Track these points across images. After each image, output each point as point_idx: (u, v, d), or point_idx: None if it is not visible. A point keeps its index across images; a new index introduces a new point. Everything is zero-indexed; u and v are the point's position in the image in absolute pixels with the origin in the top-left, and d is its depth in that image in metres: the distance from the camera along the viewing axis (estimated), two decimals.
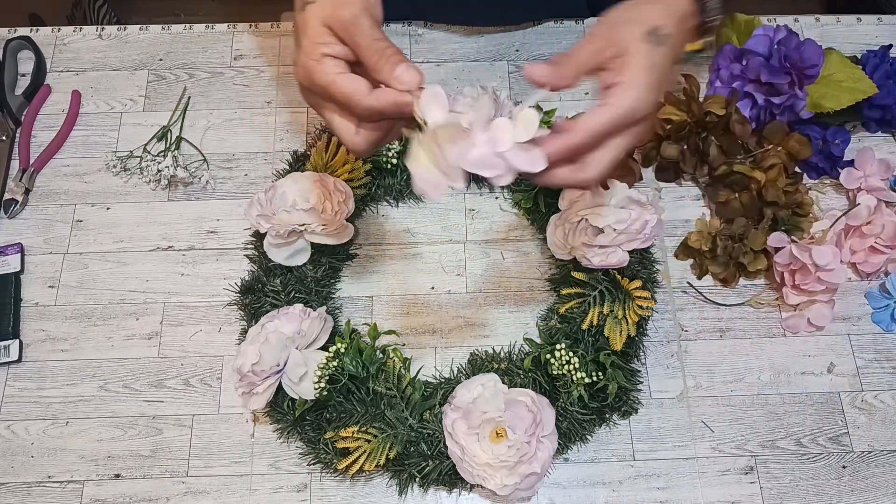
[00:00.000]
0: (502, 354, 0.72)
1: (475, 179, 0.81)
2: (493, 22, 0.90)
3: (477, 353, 0.73)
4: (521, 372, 0.69)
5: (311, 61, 0.48)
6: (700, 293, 0.77)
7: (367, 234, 0.79)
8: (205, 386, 0.72)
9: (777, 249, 0.74)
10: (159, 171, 0.79)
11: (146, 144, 0.83)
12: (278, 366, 0.65)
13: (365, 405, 0.67)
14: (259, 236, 0.75)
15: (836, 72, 0.81)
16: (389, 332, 0.74)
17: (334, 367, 0.66)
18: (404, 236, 0.79)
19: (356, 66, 0.49)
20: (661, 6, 0.50)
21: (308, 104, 0.52)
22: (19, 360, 0.73)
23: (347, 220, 0.73)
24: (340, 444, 0.65)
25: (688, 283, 0.78)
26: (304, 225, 0.70)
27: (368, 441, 0.65)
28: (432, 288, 0.77)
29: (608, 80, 0.48)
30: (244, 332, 0.73)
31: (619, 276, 0.70)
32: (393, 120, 0.50)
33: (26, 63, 0.88)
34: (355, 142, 0.50)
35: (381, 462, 0.64)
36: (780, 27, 0.81)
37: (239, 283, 0.74)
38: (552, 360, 0.67)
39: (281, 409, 0.68)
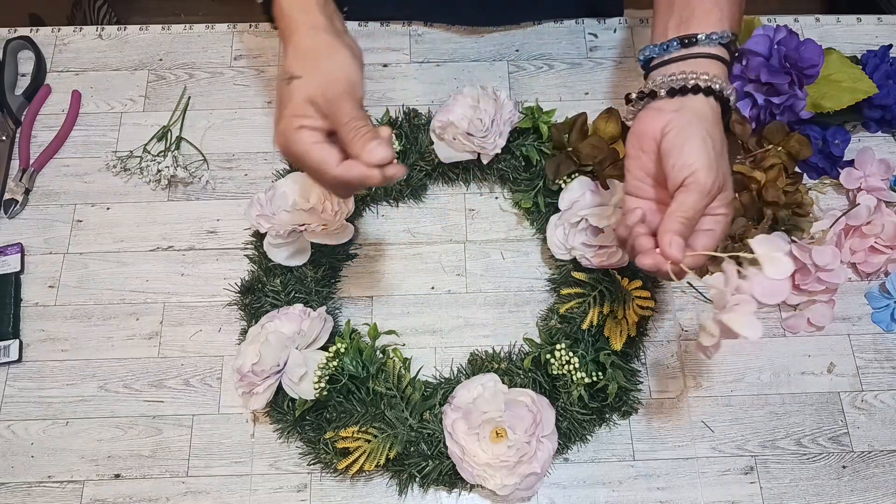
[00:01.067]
0: (502, 354, 0.72)
1: (475, 179, 0.81)
2: (493, 23, 0.90)
3: (477, 353, 0.73)
4: (521, 372, 0.69)
5: (289, 130, 0.53)
6: (700, 293, 0.77)
7: (367, 234, 0.79)
8: (205, 386, 0.72)
9: None
10: (159, 171, 0.79)
11: (146, 144, 0.83)
12: (278, 366, 0.65)
13: (365, 405, 0.67)
14: (259, 236, 0.75)
15: (836, 72, 0.81)
16: (389, 332, 0.74)
17: (334, 367, 0.66)
18: (404, 236, 0.79)
19: (332, 135, 0.54)
20: (722, 131, 0.56)
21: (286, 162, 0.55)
22: (19, 360, 0.73)
23: (347, 220, 0.73)
24: (340, 444, 0.65)
25: (688, 283, 0.78)
26: (304, 225, 0.70)
27: (368, 441, 0.65)
28: (432, 288, 0.77)
29: (711, 211, 0.55)
30: (244, 332, 0.73)
31: (619, 276, 0.70)
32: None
33: (26, 63, 0.88)
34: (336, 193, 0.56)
35: (381, 462, 0.64)
36: (780, 27, 0.81)
37: (239, 283, 0.74)
38: (552, 360, 0.67)
39: (281, 409, 0.68)
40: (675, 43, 0.58)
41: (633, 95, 0.60)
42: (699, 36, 0.57)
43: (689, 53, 0.58)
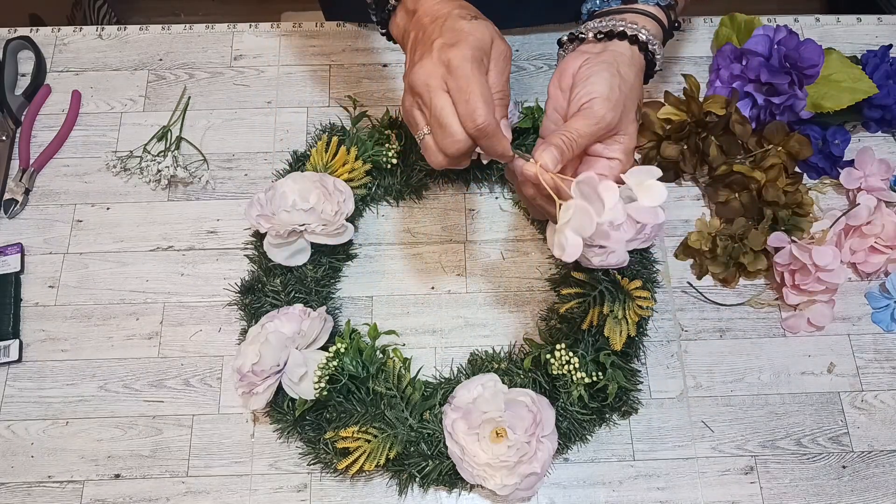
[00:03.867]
0: (502, 354, 0.72)
1: (474, 180, 0.81)
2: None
3: (477, 353, 0.73)
4: (521, 372, 0.69)
5: (472, 52, 0.51)
6: (700, 293, 0.77)
7: (367, 234, 0.79)
8: (205, 386, 0.72)
9: (777, 249, 0.74)
10: (159, 171, 0.79)
11: (146, 144, 0.83)
12: (278, 366, 0.65)
13: (365, 405, 0.67)
14: (259, 236, 0.75)
15: (836, 72, 0.81)
16: (389, 332, 0.74)
17: (334, 367, 0.66)
18: (404, 236, 0.79)
19: None
20: (637, 80, 0.57)
21: (420, 83, 0.52)
22: (19, 360, 0.73)
23: (347, 220, 0.73)
24: (340, 444, 0.65)
25: (688, 283, 0.78)
26: (304, 225, 0.70)
27: (368, 441, 0.65)
28: (432, 288, 0.77)
29: (604, 154, 0.57)
30: (244, 332, 0.73)
31: (619, 276, 0.70)
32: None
33: (26, 63, 0.88)
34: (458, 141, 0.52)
35: (381, 462, 0.64)
36: (780, 27, 0.81)
37: (239, 283, 0.74)
38: (552, 360, 0.67)
39: (281, 409, 0.68)
40: None
41: (565, 38, 0.62)
42: None
43: (627, 8, 0.60)
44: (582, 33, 0.60)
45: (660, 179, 0.52)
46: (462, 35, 0.52)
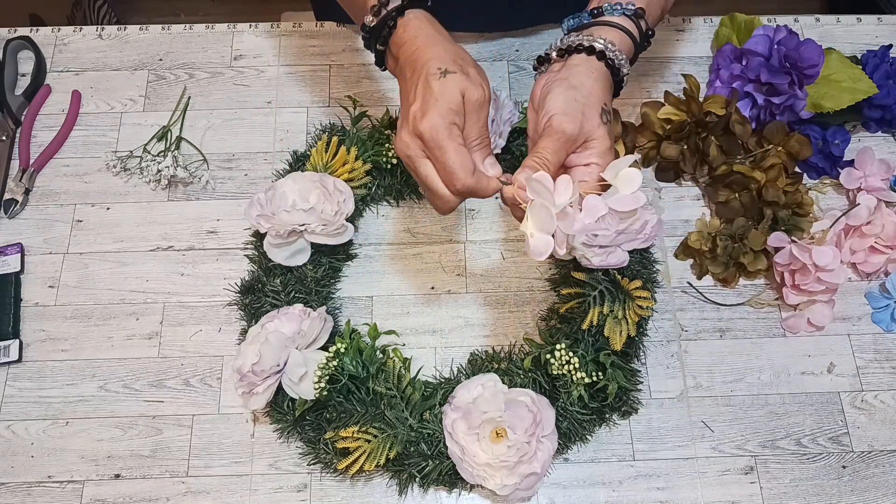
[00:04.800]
0: (502, 354, 0.72)
1: None
2: (492, 28, 0.90)
3: (477, 353, 0.73)
4: (521, 372, 0.69)
5: (443, 123, 0.53)
6: (700, 293, 0.77)
7: (367, 234, 0.79)
8: (205, 386, 0.72)
9: (777, 249, 0.74)
10: (159, 171, 0.79)
11: (146, 144, 0.83)
12: (278, 366, 0.65)
13: (365, 405, 0.67)
14: (259, 236, 0.75)
15: (836, 72, 0.81)
16: (389, 332, 0.74)
17: (334, 367, 0.66)
18: (404, 236, 0.79)
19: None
20: (598, 84, 0.58)
21: (402, 154, 0.56)
22: (19, 360, 0.73)
23: (347, 220, 0.73)
24: (340, 444, 0.65)
25: (688, 283, 0.78)
26: (304, 225, 0.70)
27: (368, 441, 0.65)
28: (432, 288, 0.77)
29: (579, 162, 0.58)
30: (244, 332, 0.73)
31: (619, 276, 0.70)
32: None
33: (26, 63, 0.88)
34: (451, 198, 0.56)
35: (381, 462, 0.64)
36: (780, 27, 0.81)
37: (239, 283, 0.74)
38: (552, 360, 0.67)
39: (281, 409, 0.68)
40: (586, 14, 0.63)
41: (535, 62, 0.64)
42: (604, 6, 0.61)
43: (595, 22, 0.62)
44: (548, 53, 0.62)
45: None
46: (432, 100, 0.54)
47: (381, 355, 0.70)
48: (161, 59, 0.89)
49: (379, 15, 0.59)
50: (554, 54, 0.61)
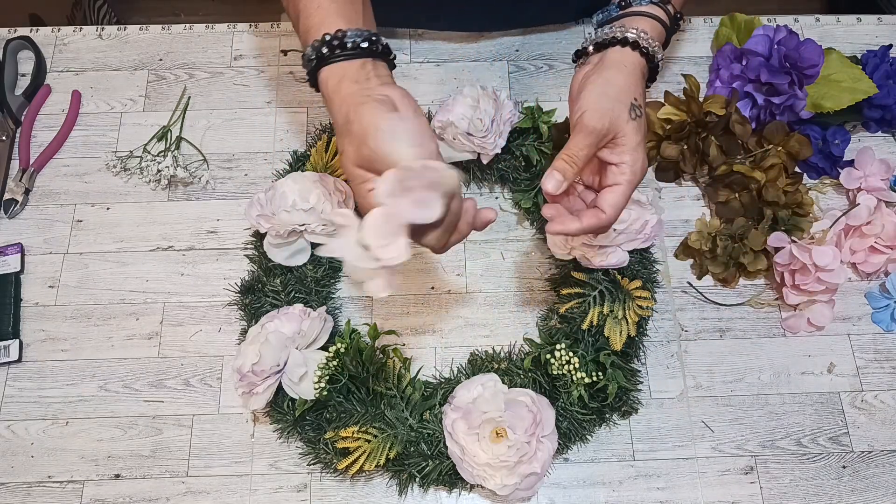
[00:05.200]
0: (502, 354, 0.72)
1: (474, 180, 0.81)
2: (489, 28, 0.90)
3: (477, 353, 0.73)
4: (521, 372, 0.69)
5: (362, 196, 0.52)
6: (700, 293, 0.77)
7: None
8: (205, 386, 0.72)
9: (777, 249, 0.74)
10: (159, 171, 0.79)
11: (146, 144, 0.83)
12: (278, 366, 0.65)
13: (365, 405, 0.67)
14: (259, 236, 0.75)
15: (836, 72, 0.81)
16: (389, 332, 0.74)
17: (334, 367, 0.66)
18: None
19: None
20: (629, 80, 0.59)
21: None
22: (19, 360, 0.73)
23: None
24: (340, 444, 0.65)
25: (688, 283, 0.78)
26: (304, 225, 0.70)
27: (368, 441, 0.65)
28: (432, 288, 0.77)
29: (612, 160, 0.57)
30: (244, 332, 0.73)
31: (619, 276, 0.70)
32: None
33: (26, 63, 0.88)
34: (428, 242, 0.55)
35: (381, 462, 0.64)
36: (780, 27, 0.81)
37: (239, 283, 0.74)
38: (552, 360, 0.67)
39: (281, 409, 0.68)
40: (614, 7, 0.64)
41: (574, 56, 0.65)
42: None
43: (624, 13, 0.63)
44: (585, 47, 0.63)
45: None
46: (349, 178, 0.54)
47: (381, 355, 0.70)
48: (161, 59, 0.89)
49: (308, 67, 0.58)
50: (591, 48, 0.62)
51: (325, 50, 0.56)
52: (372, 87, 0.55)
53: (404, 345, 0.74)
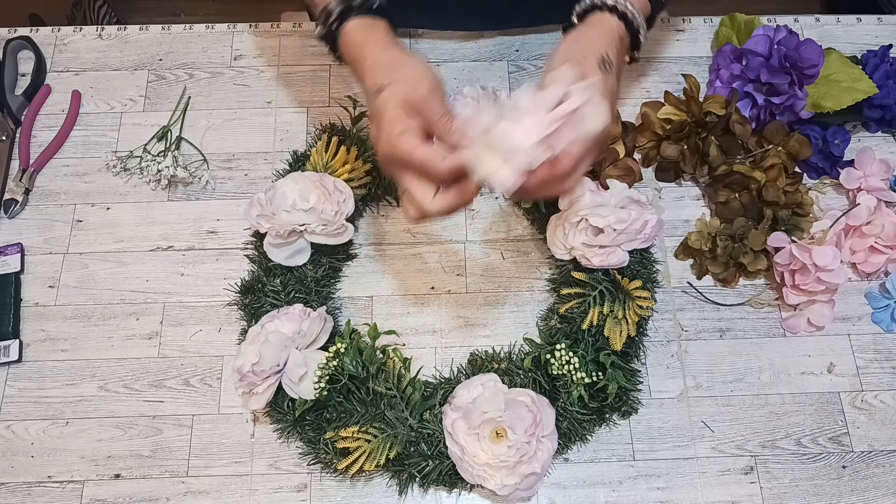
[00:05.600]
0: (502, 354, 0.72)
1: None
2: (489, 28, 0.90)
3: (477, 353, 0.73)
4: (521, 372, 0.69)
5: (392, 138, 0.55)
6: (700, 293, 0.77)
7: (367, 234, 0.79)
8: (205, 386, 0.72)
9: (777, 249, 0.74)
10: (159, 171, 0.79)
11: (146, 144, 0.83)
12: (278, 366, 0.65)
13: (365, 405, 0.67)
14: (259, 236, 0.75)
15: (836, 72, 0.81)
16: (389, 332, 0.74)
17: (334, 367, 0.66)
18: (404, 236, 0.79)
19: (429, 137, 0.57)
20: (602, 36, 0.61)
21: (389, 174, 0.58)
22: (19, 360, 0.73)
23: (347, 220, 0.73)
24: (340, 444, 0.65)
25: (688, 283, 0.78)
26: (304, 225, 0.70)
27: (368, 441, 0.65)
28: (432, 288, 0.77)
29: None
30: (244, 332, 0.73)
31: (619, 276, 0.70)
32: (464, 183, 0.56)
33: (26, 63, 0.88)
34: (433, 205, 0.56)
35: (381, 462, 0.64)
36: (780, 27, 0.81)
37: (239, 283, 0.74)
38: (552, 360, 0.67)
39: (281, 409, 0.68)
40: None
41: (562, 29, 0.67)
42: None
43: None
44: (572, 21, 0.65)
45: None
46: (378, 122, 0.56)
47: (381, 355, 0.70)
48: (161, 59, 0.89)
49: (325, 24, 0.61)
50: (575, 19, 0.64)
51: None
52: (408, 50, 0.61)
53: (404, 345, 0.74)
